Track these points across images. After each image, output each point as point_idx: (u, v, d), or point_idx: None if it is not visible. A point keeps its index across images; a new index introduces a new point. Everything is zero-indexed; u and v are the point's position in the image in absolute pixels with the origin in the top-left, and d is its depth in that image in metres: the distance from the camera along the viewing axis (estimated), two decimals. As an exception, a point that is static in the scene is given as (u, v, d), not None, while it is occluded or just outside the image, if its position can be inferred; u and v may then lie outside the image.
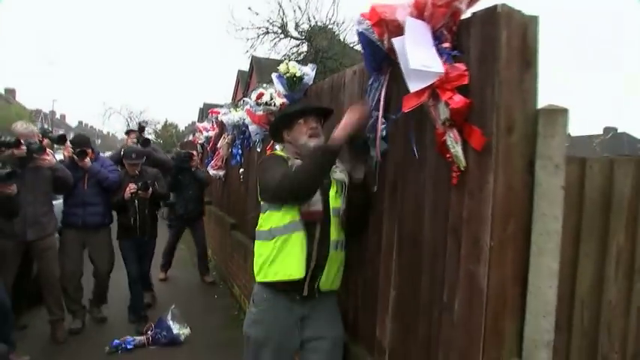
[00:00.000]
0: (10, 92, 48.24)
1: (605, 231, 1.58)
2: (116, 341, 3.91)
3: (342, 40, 11.94)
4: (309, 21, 11.25)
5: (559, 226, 1.54)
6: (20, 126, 3.82)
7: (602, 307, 1.58)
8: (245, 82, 24.00)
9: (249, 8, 11.13)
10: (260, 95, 3.67)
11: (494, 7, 1.50)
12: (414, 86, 1.59)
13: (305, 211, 2.07)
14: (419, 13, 1.63)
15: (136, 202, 4.31)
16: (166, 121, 34.16)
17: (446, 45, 1.62)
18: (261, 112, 3.77)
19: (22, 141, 3.56)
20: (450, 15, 1.59)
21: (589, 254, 1.58)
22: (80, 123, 63.77)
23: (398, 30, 1.66)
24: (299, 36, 11.51)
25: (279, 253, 2.07)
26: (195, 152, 6.31)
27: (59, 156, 4.52)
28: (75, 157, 4.10)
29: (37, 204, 3.76)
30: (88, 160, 4.11)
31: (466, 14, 1.62)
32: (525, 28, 1.53)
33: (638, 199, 1.57)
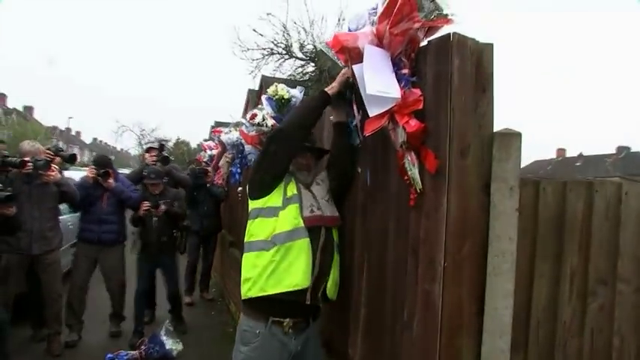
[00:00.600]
0: (28, 110, 49.42)
1: (559, 252, 1.60)
2: (109, 355, 3.96)
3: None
4: (314, 42, 11.43)
5: (514, 247, 1.57)
6: (27, 144, 4.03)
7: (557, 327, 1.60)
8: (254, 101, 24.31)
9: (254, 30, 11.37)
10: (253, 116, 3.74)
11: (448, 35, 1.56)
12: (372, 111, 1.66)
13: (314, 216, 2.03)
14: (379, 41, 1.70)
15: (153, 219, 4.47)
16: (178, 139, 34.61)
17: (404, 71, 1.68)
18: (254, 133, 3.85)
19: (27, 160, 3.73)
20: (407, 42, 1.66)
21: (544, 275, 1.60)
22: (94, 139, 64.82)
23: (359, 57, 1.73)
24: (304, 56, 11.70)
25: (281, 263, 1.94)
26: (209, 169, 6.39)
27: (78, 173, 4.65)
28: (99, 177, 4.29)
29: (43, 219, 3.89)
30: (111, 180, 4.32)
31: (424, 42, 1.69)
32: (480, 55, 1.59)
33: (589, 220, 1.60)
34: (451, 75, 1.53)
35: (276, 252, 1.94)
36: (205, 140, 9.09)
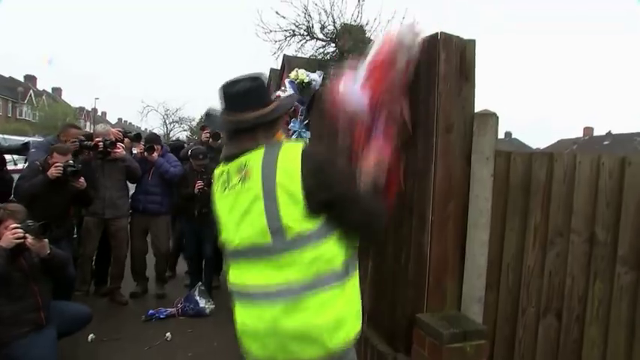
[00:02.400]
0: (57, 91, 50.91)
1: (526, 210, 1.98)
2: (151, 311, 4.50)
3: (366, 40, 12.33)
4: (334, 23, 11.68)
5: (489, 206, 1.95)
6: (99, 127, 4.86)
7: (523, 270, 1.98)
8: (277, 80, 24.64)
9: (277, 12, 11.66)
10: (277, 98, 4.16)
11: (436, 33, 1.93)
12: None
13: None
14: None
15: (202, 196, 4.69)
16: (201, 118, 35.25)
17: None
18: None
19: (99, 140, 4.40)
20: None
21: (513, 229, 1.98)
22: (120, 120, 66.19)
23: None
24: (324, 37, 11.97)
25: (356, 293, 1.53)
26: None
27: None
28: (145, 152, 4.80)
29: (113, 189, 4.57)
30: (155, 154, 4.79)
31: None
32: (463, 50, 1.96)
33: (550, 185, 1.96)
34: (438, 66, 1.90)
35: (352, 281, 1.52)
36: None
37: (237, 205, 1.44)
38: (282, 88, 4.34)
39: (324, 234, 1.39)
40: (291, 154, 1.38)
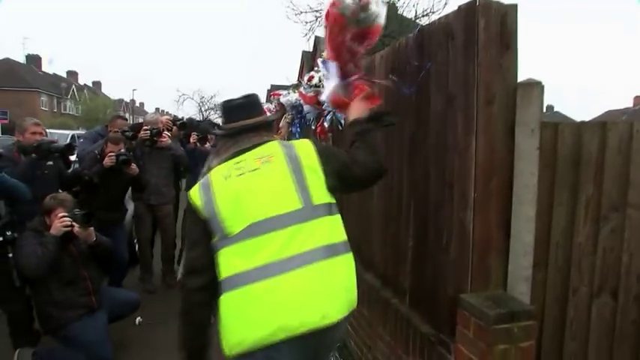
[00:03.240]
0: (97, 85, 52.58)
1: (575, 184, 1.86)
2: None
3: (398, 17, 12.01)
4: (366, 1, 11.44)
5: (535, 181, 1.85)
6: (149, 116, 5.13)
7: (573, 248, 1.88)
8: (309, 62, 24.51)
9: (307, -8, 11.50)
10: (310, 78, 4.12)
11: (474, 0, 1.82)
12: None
13: None
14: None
15: None
16: (236, 105, 35.50)
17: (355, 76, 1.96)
18: (312, 94, 4.21)
19: (146, 128, 4.61)
20: (347, 53, 1.91)
21: (562, 203, 1.87)
22: (157, 109, 67.69)
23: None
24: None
25: None
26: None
27: None
28: (197, 143, 5.03)
29: (160, 177, 4.76)
30: (207, 145, 5.03)
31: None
32: (504, 16, 1.84)
33: (603, 155, 1.83)
34: (477, 34, 1.80)
35: None
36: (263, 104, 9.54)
37: (262, 181, 1.63)
38: (315, 68, 4.28)
39: (337, 210, 1.69)
40: (304, 144, 1.73)
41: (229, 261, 1.57)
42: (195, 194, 1.69)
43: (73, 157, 4.51)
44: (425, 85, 2.23)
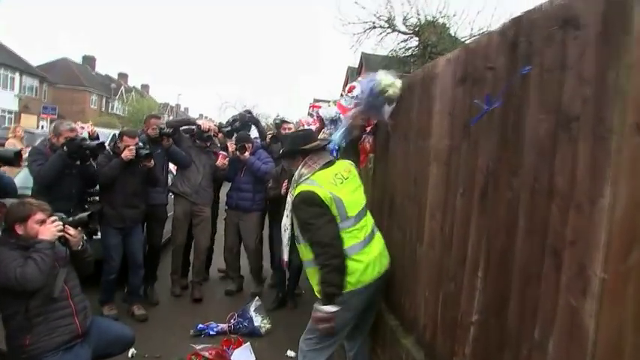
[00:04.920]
0: (145, 88, 54.10)
1: None
2: (201, 325, 4.03)
3: (452, 34, 11.29)
4: (418, 15, 10.77)
5: None
6: (200, 121, 5.23)
7: None
8: (354, 78, 24.04)
9: (356, 2, 11.00)
10: (351, 89, 3.54)
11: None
12: None
13: None
14: None
15: None
16: (277, 115, 35.47)
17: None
18: (351, 105, 3.61)
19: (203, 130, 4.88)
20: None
21: None
22: (200, 115, 69.01)
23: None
24: (407, 30, 11.07)
25: None
26: None
27: None
28: (236, 151, 4.87)
29: (205, 178, 4.87)
30: (246, 154, 4.83)
31: None
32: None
33: None
34: (629, 21, 1.11)
35: None
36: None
37: (352, 186, 2.58)
38: (359, 79, 3.69)
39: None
40: (353, 166, 2.77)
41: (347, 239, 2.43)
42: (316, 191, 2.43)
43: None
44: (516, 98, 1.55)
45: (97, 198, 4.35)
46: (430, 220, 2.27)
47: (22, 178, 4.79)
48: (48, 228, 2.61)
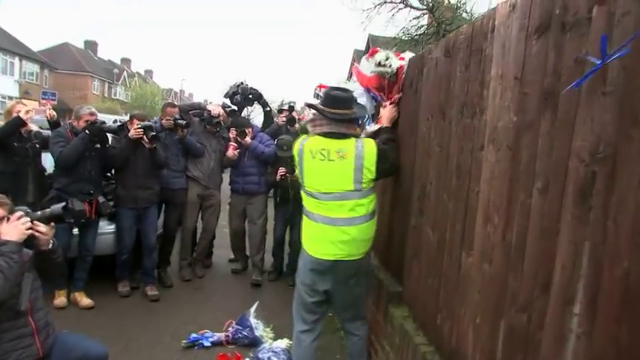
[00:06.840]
0: (149, 73, 53.36)
1: None
2: (194, 336, 3.52)
3: (468, 11, 10.58)
4: (433, -11, 10.04)
5: None
6: (211, 106, 5.14)
7: None
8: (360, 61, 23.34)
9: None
10: (373, 52, 2.97)
11: None
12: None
13: None
14: None
15: (290, 182, 4.60)
16: (282, 101, 34.80)
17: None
18: (372, 74, 3.03)
19: (217, 115, 4.88)
20: None
21: None
22: (205, 101, 68.12)
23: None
24: (420, 6, 10.35)
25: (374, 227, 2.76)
26: None
27: None
28: (238, 137, 4.87)
29: (216, 163, 4.93)
30: (247, 138, 4.86)
31: None
32: None
33: None
34: None
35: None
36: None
37: (334, 169, 2.49)
38: (376, 51, 3.10)
39: (372, 191, 2.57)
40: (370, 147, 2.51)
41: (305, 200, 2.65)
42: (297, 146, 2.63)
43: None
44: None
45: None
46: (484, 224, 1.70)
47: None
48: (14, 226, 2.12)
